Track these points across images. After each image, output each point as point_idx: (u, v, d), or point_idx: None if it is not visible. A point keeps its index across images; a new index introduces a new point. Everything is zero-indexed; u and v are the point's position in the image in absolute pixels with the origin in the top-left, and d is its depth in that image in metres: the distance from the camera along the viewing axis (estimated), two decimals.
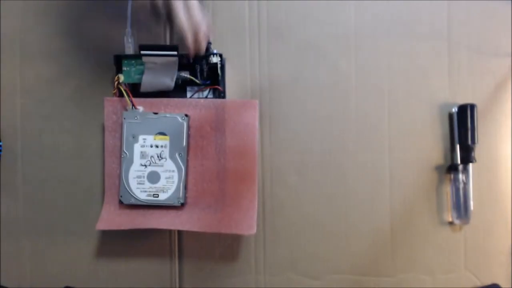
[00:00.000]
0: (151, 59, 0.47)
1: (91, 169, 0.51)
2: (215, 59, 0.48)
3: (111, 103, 0.49)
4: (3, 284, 0.51)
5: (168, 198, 0.48)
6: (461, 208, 0.51)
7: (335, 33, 0.52)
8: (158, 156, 0.48)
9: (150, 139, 0.48)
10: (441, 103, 0.52)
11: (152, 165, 0.48)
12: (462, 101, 0.52)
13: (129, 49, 0.49)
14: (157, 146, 0.48)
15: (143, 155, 0.48)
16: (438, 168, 0.52)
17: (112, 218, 0.48)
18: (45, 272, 0.52)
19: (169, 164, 0.48)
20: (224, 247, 0.52)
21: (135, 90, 0.49)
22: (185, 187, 0.49)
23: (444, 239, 0.52)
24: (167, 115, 0.48)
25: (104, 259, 0.52)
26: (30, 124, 0.52)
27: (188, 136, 0.49)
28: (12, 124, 0.52)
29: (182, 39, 0.45)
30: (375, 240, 0.52)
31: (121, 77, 0.48)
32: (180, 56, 0.48)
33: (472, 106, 0.51)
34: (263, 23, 0.52)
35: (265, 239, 0.52)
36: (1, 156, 0.51)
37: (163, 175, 0.48)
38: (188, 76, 0.49)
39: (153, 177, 0.48)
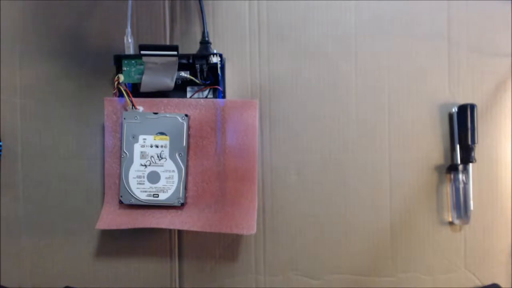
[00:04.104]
0: (151, 59, 0.47)
1: (91, 169, 0.51)
2: (215, 59, 0.48)
3: (111, 103, 0.49)
4: (3, 284, 0.51)
5: (168, 198, 0.48)
6: (461, 208, 0.51)
7: (335, 33, 0.52)
8: (158, 156, 0.48)
9: (150, 139, 0.48)
10: (441, 103, 0.52)
11: (152, 165, 0.48)
12: (462, 101, 0.52)
13: (129, 49, 0.49)
14: (157, 146, 0.48)
15: (143, 155, 0.48)
16: (438, 168, 0.52)
17: (112, 218, 0.48)
18: (45, 272, 0.52)
19: (169, 164, 0.48)
20: (224, 247, 0.52)
21: (135, 90, 0.49)
22: (185, 187, 0.49)
23: (444, 239, 0.52)
24: (167, 115, 0.48)
25: (104, 259, 0.52)
26: (30, 124, 0.52)
27: (188, 136, 0.49)
28: (12, 124, 0.52)
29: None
30: (375, 240, 0.52)
31: (121, 77, 0.48)
32: (180, 56, 0.48)
33: (472, 106, 0.51)
34: (263, 23, 0.52)
35: (265, 239, 0.52)
36: (1, 156, 0.51)
37: (163, 175, 0.48)
38: (188, 76, 0.49)
39: (153, 177, 0.48)
